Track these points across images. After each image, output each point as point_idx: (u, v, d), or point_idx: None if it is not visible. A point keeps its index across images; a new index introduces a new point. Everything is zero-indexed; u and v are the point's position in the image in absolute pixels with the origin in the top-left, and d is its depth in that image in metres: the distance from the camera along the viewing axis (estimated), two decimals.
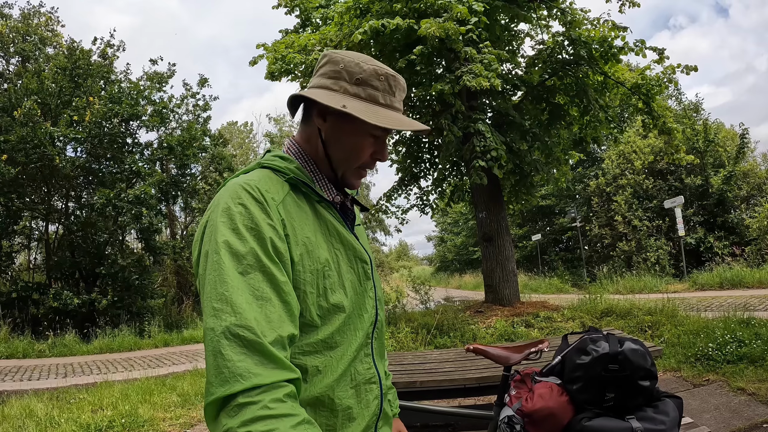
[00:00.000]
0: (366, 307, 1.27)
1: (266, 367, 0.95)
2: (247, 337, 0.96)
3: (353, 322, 1.23)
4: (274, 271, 1.05)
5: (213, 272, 1.04)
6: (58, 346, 11.68)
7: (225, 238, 1.06)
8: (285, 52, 9.28)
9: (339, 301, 1.18)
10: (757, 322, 7.03)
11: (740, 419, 4.46)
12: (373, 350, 1.29)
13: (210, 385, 0.95)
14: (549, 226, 28.54)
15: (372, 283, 1.31)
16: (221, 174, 19.20)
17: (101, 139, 14.33)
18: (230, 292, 1.00)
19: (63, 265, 14.52)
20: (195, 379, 7.48)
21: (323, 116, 1.25)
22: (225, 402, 0.93)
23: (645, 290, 14.28)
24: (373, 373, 1.27)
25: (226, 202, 1.11)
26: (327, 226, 1.23)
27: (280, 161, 1.24)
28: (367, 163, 1.30)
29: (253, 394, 0.92)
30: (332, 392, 1.15)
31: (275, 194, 1.15)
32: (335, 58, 1.26)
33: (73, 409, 5.90)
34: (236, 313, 0.98)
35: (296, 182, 1.21)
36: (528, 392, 2.29)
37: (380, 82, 1.24)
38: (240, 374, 0.93)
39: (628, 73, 10.48)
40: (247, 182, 1.14)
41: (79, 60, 14.56)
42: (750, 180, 20.13)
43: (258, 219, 1.08)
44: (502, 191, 10.48)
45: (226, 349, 0.95)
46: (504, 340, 7.98)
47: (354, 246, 1.27)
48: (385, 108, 1.24)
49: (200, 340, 13.19)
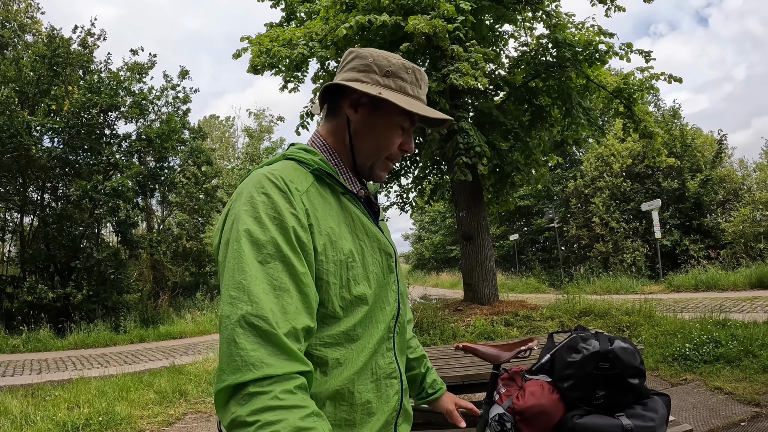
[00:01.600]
0: (388, 299, 1.28)
1: (279, 358, 0.95)
2: (261, 326, 0.96)
3: (375, 314, 1.23)
4: (294, 262, 1.05)
5: (233, 260, 1.04)
6: (33, 341, 11.49)
7: (246, 226, 1.06)
8: (270, 46, 9.19)
9: (362, 292, 1.18)
10: (732, 323, 7.16)
11: (718, 418, 4.53)
12: (395, 345, 1.29)
13: (222, 372, 0.95)
14: (527, 226, 28.80)
15: (395, 276, 1.32)
16: (200, 168, 19.01)
17: (79, 129, 14.07)
18: (248, 281, 1.00)
19: (38, 258, 14.24)
20: (172, 376, 7.39)
21: (355, 107, 1.27)
22: (236, 390, 0.93)
23: (621, 291, 14.47)
24: (394, 367, 1.26)
25: (250, 191, 1.11)
26: (352, 218, 1.23)
27: (305, 153, 1.25)
28: (395, 154, 1.31)
29: (264, 384, 0.92)
30: (352, 385, 1.15)
31: (299, 184, 1.15)
32: (363, 53, 1.29)
33: (49, 407, 5.79)
34: (252, 303, 0.98)
35: (320, 173, 1.21)
36: (518, 390, 2.28)
37: (408, 75, 1.28)
38: (252, 363, 0.93)
39: (610, 77, 10.59)
40: (271, 172, 1.14)
41: (59, 48, 14.24)
42: (726, 185, 20.52)
43: (281, 208, 1.08)
44: (482, 190, 10.51)
45: (240, 338, 0.95)
46: (484, 338, 8.01)
47: (379, 238, 1.27)
48: (413, 98, 1.27)
49: (176, 336, 13.10)
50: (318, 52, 8.90)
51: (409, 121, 1.28)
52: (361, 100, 1.25)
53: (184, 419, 5.66)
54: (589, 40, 9.28)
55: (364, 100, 1.25)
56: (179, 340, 12.56)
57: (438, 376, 1.70)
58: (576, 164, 25.31)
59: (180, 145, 17.44)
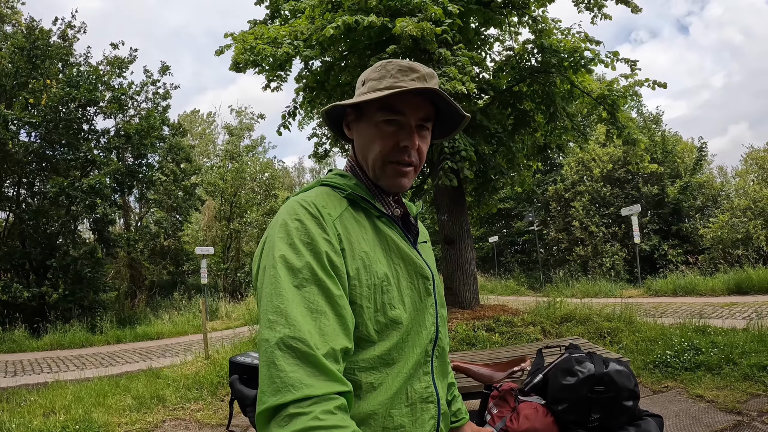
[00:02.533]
0: (425, 323, 1.26)
1: (318, 379, 0.96)
2: (300, 348, 0.98)
3: (411, 338, 1.22)
4: (329, 285, 1.07)
5: (270, 285, 1.07)
6: (7, 342, 11.29)
7: (282, 252, 1.09)
8: (254, 43, 9.06)
9: (397, 316, 1.18)
10: (712, 330, 7.23)
11: (701, 426, 4.55)
12: (433, 369, 1.28)
13: (263, 394, 0.96)
14: (506, 229, 28.93)
15: (433, 299, 1.30)
16: (179, 165, 18.79)
17: (57, 124, 13.83)
18: (285, 305, 1.03)
19: (13, 256, 13.94)
20: (150, 380, 7.25)
21: (349, 127, 1.32)
22: (276, 411, 0.94)
23: (600, 295, 14.58)
24: (431, 392, 1.25)
25: (284, 218, 1.14)
26: (387, 241, 1.24)
27: (339, 179, 1.28)
28: (392, 154, 1.25)
29: (304, 405, 0.93)
30: (385, 410, 1.15)
31: (332, 210, 1.18)
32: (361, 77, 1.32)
33: (24, 413, 5.63)
34: (290, 325, 1.00)
35: (355, 198, 1.23)
36: (511, 411, 2.24)
37: (376, 72, 1.26)
38: (292, 384, 0.94)
39: (594, 84, 10.63)
40: (305, 199, 1.18)
41: (38, 40, 13.98)
42: (705, 191, 20.82)
43: (314, 234, 1.11)
44: (464, 194, 10.50)
45: (280, 360, 0.97)
46: (466, 344, 7.98)
47: (415, 261, 1.26)
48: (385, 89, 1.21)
49: (154, 336, 12.98)
50: (303, 51, 8.80)
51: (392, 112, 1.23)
52: (349, 117, 1.30)
53: (162, 426, 5.55)
54: (575, 46, 9.30)
55: (351, 117, 1.29)
56: (156, 341, 12.40)
57: (463, 405, 1.69)
58: (556, 168, 25.48)
59: (159, 141, 17.22)
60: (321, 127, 12.36)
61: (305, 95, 10.40)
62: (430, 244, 1.48)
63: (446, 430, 1.33)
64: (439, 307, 1.33)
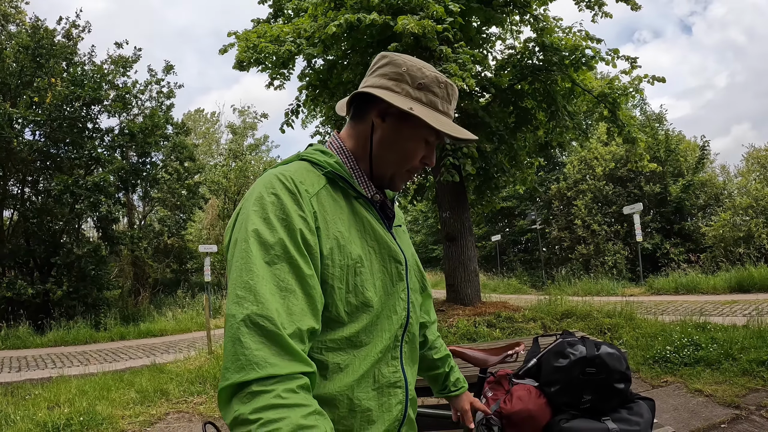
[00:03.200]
0: (396, 308, 1.26)
1: (283, 358, 0.96)
2: (266, 327, 0.97)
3: (381, 322, 1.22)
4: (300, 263, 1.06)
5: (240, 260, 1.05)
6: (11, 338, 11.35)
7: (255, 226, 1.07)
8: (257, 42, 9.12)
9: (368, 298, 1.18)
10: (712, 326, 7.25)
11: (699, 419, 4.59)
12: (402, 354, 1.28)
13: (226, 370, 0.96)
14: (509, 227, 28.93)
15: (405, 284, 1.30)
16: (182, 163, 18.84)
17: (61, 122, 13.89)
18: (255, 281, 1.01)
19: (17, 253, 14.01)
20: (153, 375, 7.32)
21: (382, 116, 1.25)
22: (239, 388, 0.94)
23: (602, 293, 14.56)
24: (399, 377, 1.25)
25: (260, 192, 1.12)
26: (363, 223, 1.23)
27: (320, 155, 1.24)
28: (416, 167, 1.29)
29: (268, 383, 0.93)
30: (352, 392, 1.15)
31: (310, 186, 1.15)
32: (397, 60, 1.26)
33: (29, 406, 5.70)
34: (258, 303, 0.99)
35: (334, 176, 1.21)
36: (505, 394, 2.29)
37: (440, 90, 1.25)
38: (256, 363, 0.94)
39: (595, 82, 10.66)
40: (282, 173, 1.15)
41: (43, 39, 14.04)
42: (708, 190, 20.79)
43: (289, 210, 1.09)
44: (466, 192, 10.54)
45: (245, 337, 0.96)
46: (467, 339, 8.02)
47: (389, 245, 1.26)
48: (442, 114, 1.25)
49: (157, 333, 13.01)
50: (305, 49, 8.86)
51: (435, 135, 1.26)
52: (390, 110, 1.23)
53: (165, 419, 5.61)
54: (576, 44, 9.33)
55: (393, 110, 1.23)
56: (160, 338, 12.46)
57: (461, 375, 1.75)
58: (559, 167, 25.49)
59: (163, 140, 17.27)
60: (324, 125, 12.41)
61: (308, 93, 10.46)
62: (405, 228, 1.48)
63: (414, 415, 1.34)
64: (412, 293, 1.33)
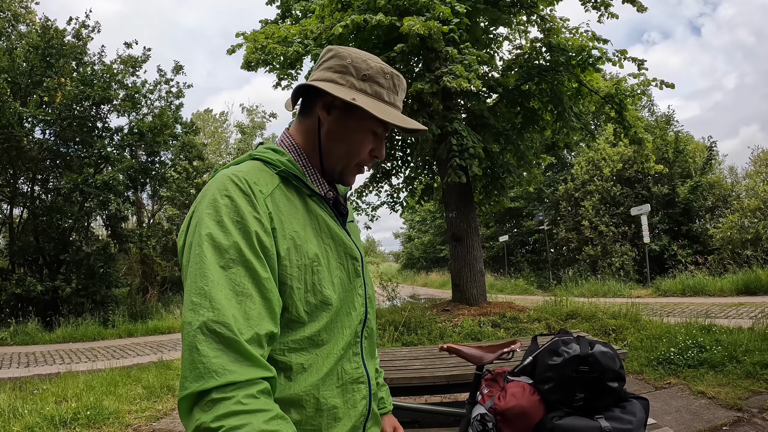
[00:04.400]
0: (355, 305, 1.26)
1: (241, 365, 0.95)
2: (223, 333, 0.95)
3: (341, 319, 1.21)
4: (256, 267, 1.04)
5: (195, 265, 1.02)
6: (20, 334, 11.44)
7: (209, 230, 1.04)
8: (265, 43, 9.19)
9: (327, 297, 1.16)
10: (717, 329, 7.23)
11: (701, 421, 4.59)
12: (362, 349, 1.27)
13: (185, 379, 0.94)
14: (516, 228, 28.88)
15: (362, 280, 1.29)
16: (191, 162, 18.92)
17: (71, 121, 13.97)
18: (210, 287, 0.99)
19: (27, 251, 14.12)
20: (160, 371, 7.39)
21: (327, 109, 1.24)
22: (199, 397, 0.92)
23: (609, 294, 14.54)
24: (361, 372, 1.25)
25: (213, 194, 1.09)
26: (318, 221, 1.21)
27: (272, 153, 1.22)
28: (366, 160, 1.29)
29: (227, 390, 0.92)
30: (317, 391, 1.14)
31: (264, 186, 1.13)
32: (341, 53, 1.25)
33: (37, 400, 5.76)
34: (214, 309, 0.96)
35: (287, 175, 1.19)
36: (500, 391, 2.33)
37: (386, 80, 1.24)
38: (215, 371, 0.92)
39: (602, 82, 10.65)
40: (236, 173, 1.12)
41: (53, 39, 14.13)
42: (716, 191, 20.64)
43: (244, 211, 1.06)
44: (473, 192, 10.56)
45: (202, 345, 0.94)
46: (471, 339, 8.05)
47: (345, 242, 1.25)
48: (388, 105, 1.24)
49: (165, 331, 13.08)
50: (313, 50, 8.92)
51: (383, 127, 1.25)
52: (335, 102, 1.22)
53: (171, 414, 5.67)
54: (583, 45, 9.33)
55: (338, 103, 1.22)
56: (167, 335, 12.53)
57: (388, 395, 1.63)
58: (567, 167, 25.41)
59: (172, 139, 17.35)
60: None
61: None
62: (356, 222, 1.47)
63: (377, 410, 1.33)
64: (368, 288, 1.33)
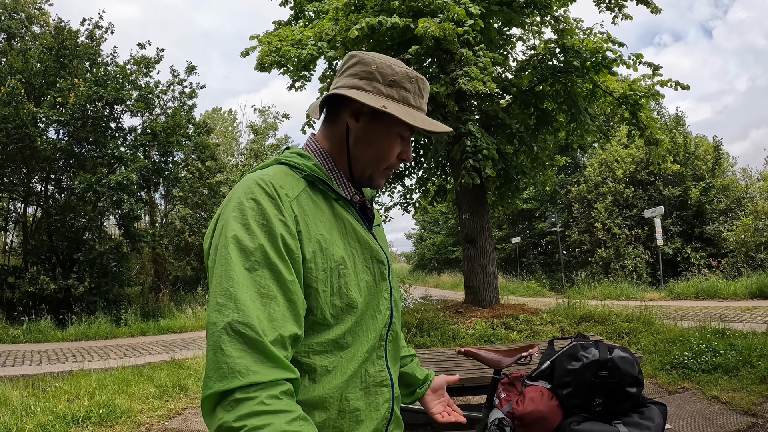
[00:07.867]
0: (380, 308, 1.26)
1: (265, 366, 0.96)
2: (248, 334, 0.97)
3: (366, 322, 1.22)
4: (281, 269, 1.05)
5: (220, 267, 1.04)
6: (33, 332, 11.53)
7: (235, 233, 1.06)
8: (278, 45, 9.21)
9: (353, 300, 1.17)
10: (732, 333, 7.17)
11: (714, 427, 4.55)
12: (386, 353, 1.28)
13: (208, 379, 0.96)
14: (529, 230, 28.79)
15: (388, 284, 1.30)
16: (203, 163, 19.01)
17: (84, 122, 14.07)
18: (235, 288, 1.00)
19: (40, 249, 14.25)
20: (172, 370, 7.43)
21: (356, 116, 1.25)
22: (222, 397, 0.94)
23: (622, 297, 14.46)
24: (385, 375, 1.26)
25: (239, 197, 1.11)
26: (344, 224, 1.22)
27: (298, 158, 1.23)
28: (394, 163, 1.31)
29: (250, 390, 0.93)
30: (340, 393, 1.15)
31: (289, 190, 1.14)
32: (366, 59, 1.26)
33: (49, 398, 5.80)
34: (239, 310, 0.98)
35: (313, 179, 1.20)
36: (518, 395, 2.31)
37: (411, 85, 1.26)
38: (239, 371, 0.94)
39: (617, 84, 10.58)
40: (262, 177, 1.14)
41: (66, 40, 14.27)
42: (729, 194, 20.44)
43: (269, 215, 1.08)
44: (486, 193, 10.53)
45: (227, 345, 0.96)
46: (484, 341, 8.02)
47: (371, 245, 1.26)
48: (415, 109, 1.26)
49: (177, 330, 13.14)
50: (326, 52, 8.93)
51: (410, 131, 1.28)
52: (362, 109, 1.23)
53: (183, 414, 5.70)
54: (597, 47, 9.27)
55: (366, 110, 1.23)
56: (180, 334, 12.60)
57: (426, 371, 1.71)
58: (579, 169, 25.31)
59: (185, 139, 17.45)
60: None
61: None
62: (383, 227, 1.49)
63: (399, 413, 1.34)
64: (394, 292, 1.34)
